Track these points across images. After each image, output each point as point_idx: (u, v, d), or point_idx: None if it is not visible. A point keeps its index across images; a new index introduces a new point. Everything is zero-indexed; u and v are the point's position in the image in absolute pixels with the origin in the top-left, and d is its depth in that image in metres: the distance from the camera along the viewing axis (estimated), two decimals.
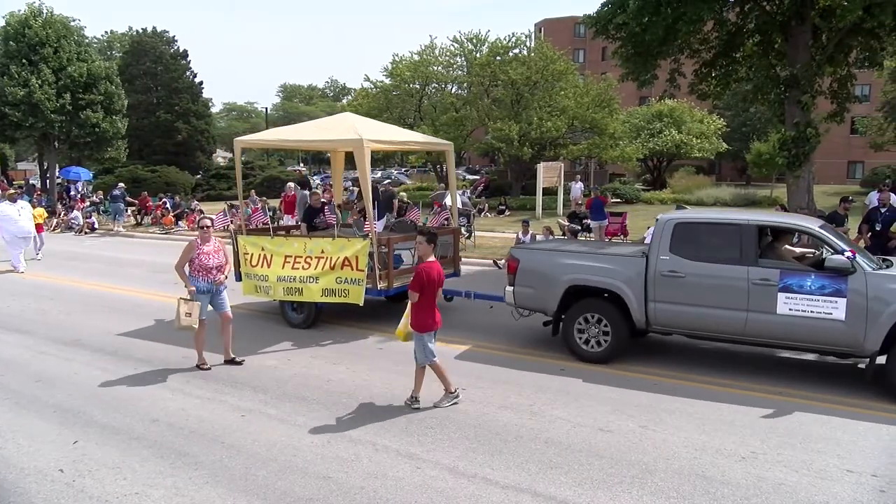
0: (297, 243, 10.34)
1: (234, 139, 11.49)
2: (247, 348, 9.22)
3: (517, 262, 9.18)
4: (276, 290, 10.24)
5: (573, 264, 8.85)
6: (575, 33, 67.06)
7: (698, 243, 8.15)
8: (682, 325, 8.25)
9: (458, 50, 36.58)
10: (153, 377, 8.21)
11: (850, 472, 5.60)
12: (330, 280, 9.85)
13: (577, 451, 6.02)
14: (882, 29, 14.72)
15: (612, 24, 15.38)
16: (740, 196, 33.19)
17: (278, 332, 10.34)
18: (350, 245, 9.83)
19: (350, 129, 10.52)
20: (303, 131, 11.94)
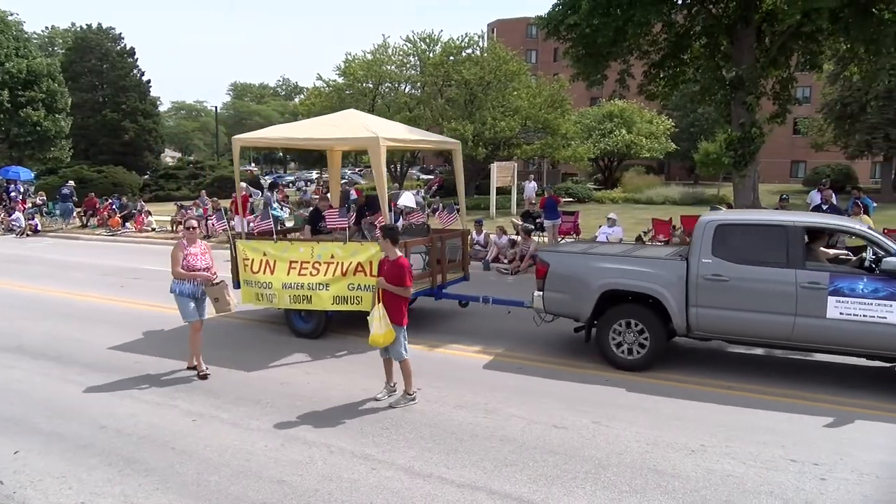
0: (303, 248, 9.72)
1: (232, 137, 10.71)
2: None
3: (547, 266, 8.75)
4: (282, 297, 9.62)
5: (609, 268, 8.44)
6: (527, 34, 67.59)
7: (742, 246, 7.84)
8: (725, 331, 7.97)
9: (411, 49, 36.51)
10: (101, 382, 7.99)
11: (793, 462, 5.77)
12: (342, 287, 9.29)
13: (531, 448, 6.07)
14: (821, 33, 15.25)
15: (563, 26, 15.58)
16: (689, 195, 33.96)
17: (235, 337, 10.17)
18: (363, 249, 9.32)
19: (361, 126, 10.17)
20: (308, 129, 11.20)
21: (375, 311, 6.92)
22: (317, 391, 7.59)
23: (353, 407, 7.09)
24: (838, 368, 8.38)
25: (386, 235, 7.17)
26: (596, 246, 10.23)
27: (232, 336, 10.13)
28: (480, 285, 14.51)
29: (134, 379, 8.10)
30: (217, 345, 9.52)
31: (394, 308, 6.96)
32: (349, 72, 35.41)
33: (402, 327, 7.04)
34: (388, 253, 7.14)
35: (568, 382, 7.91)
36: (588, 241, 15.02)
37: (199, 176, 45.42)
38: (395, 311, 6.96)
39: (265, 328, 10.66)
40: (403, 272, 6.97)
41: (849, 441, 6.22)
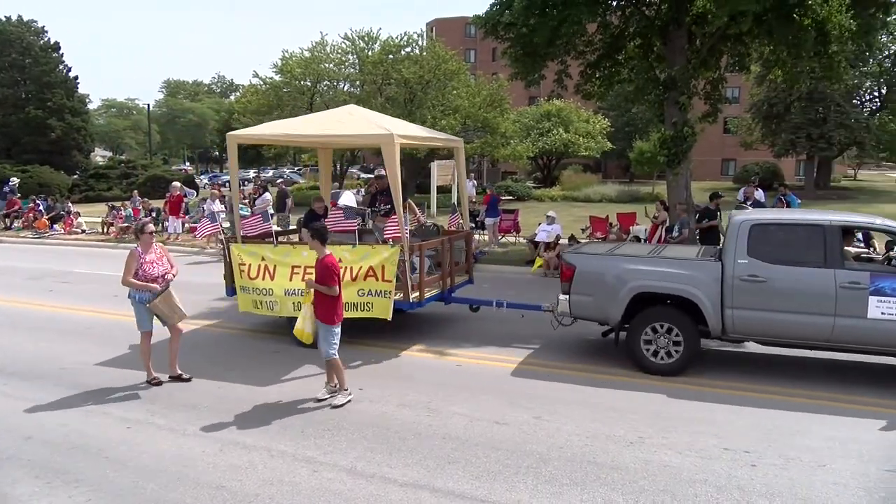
0: (306, 252, 8.99)
1: (227, 134, 10.12)
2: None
3: (573, 269, 8.42)
4: (284, 305, 9.07)
5: (641, 270, 8.18)
6: (466, 33, 67.88)
7: (778, 245, 7.73)
8: (762, 333, 7.85)
9: (349, 48, 36.17)
10: (26, 392, 7.65)
11: (726, 450, 5.98)
12: (351, 293, 8.69)
13: (474, 444, 6.11)
14: (747, 36, 15.79)
15: (500, 25, 15.67)
16: (625, 193, 34.75)
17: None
18: (375, 253, 8.86)
19: (371, 123, 9.90)
20: (311, 125, 10.54)
21: (305, 309, 7.07)
22: (257, 394, 7.46)
23: (295, 409, 7.00)
24: (766, 359, 8.71)
25: (315, 236, 7.15)
26: (619, 246, 9.92)
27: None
28: None
29: (63, 387, 7.80)
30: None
31: (323, 307, 6.98)
32: (286, 69, 34.85)
33: (332, 326, 7.02)
34: (318, 252, 7.14)
35: (509, 379, 7.99)
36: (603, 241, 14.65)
37: (132, 176, 44.02)
38: (324, 309, 6.98)
39: (207, 332, 10.41)
40: (328, 272, 6.95)
41: (777, 428, 6.47)
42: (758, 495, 5.18)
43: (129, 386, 7.79)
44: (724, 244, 8.04)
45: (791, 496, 5.17)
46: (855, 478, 5.46)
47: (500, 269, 16.12)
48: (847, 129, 38.90)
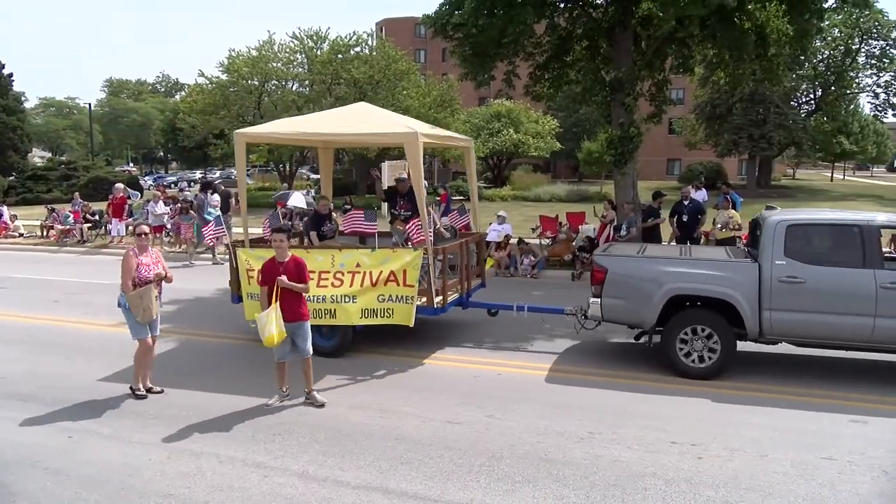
0: (321, 256, 8.68)
1: (234, 132, 9.65)
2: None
3: (605, 271, 8.19)
4: None
5: (676, 272, 8.00)
6: (416, 33, 67.88)
7: (815, 246, 7.69)
8: (800, 334, 7.74)
9: (298, 47, 35.84)
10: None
11: (674, 444, 6.10)
12: (370, 299, 8.44)
13: (427, 444, 6.10)
14: (692, 39, 16.18)
15: (449, 25, 15.72)
16: (574, 192, 35.26)
17: (114, 348, 9.61)
18: (396, 257, 8.51)
19: (391, 121, 9.74)
20: (327, 123, 10.04)
21: (271, 311, 6.74)
22: (204, 400, 7.31)
23: (244, 414, 6.88)
24: None
25: (289, 237, 7.33)
26: (646, 248, 9.66)
27: (111, 347, 9.57)
28: None
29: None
30: (95, 356, 9.00)
31: (298, 304, 7.01)
32: (233, 68, 34.33)
33: (305, 321, 7.10)
34: (283, 254, 7.05)
35: (463, 378, 8.01)
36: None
37: (73, 177, 42.63)
38: (299, 306, 7.03)
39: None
40: (305, 269, 7.09)
41: (721, 421, 6.64)
42: (704, 486, 5.31)
43: (71, 395, 7.53)
44: (761, 245, 7.82)
45: (735, 486, 5.31)
46: (795, 466, 5.64)
47: None
48: (786, 130, 40.23)
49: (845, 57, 42.40)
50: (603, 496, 5.18)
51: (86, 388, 7.70)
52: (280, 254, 7.04)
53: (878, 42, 42.67)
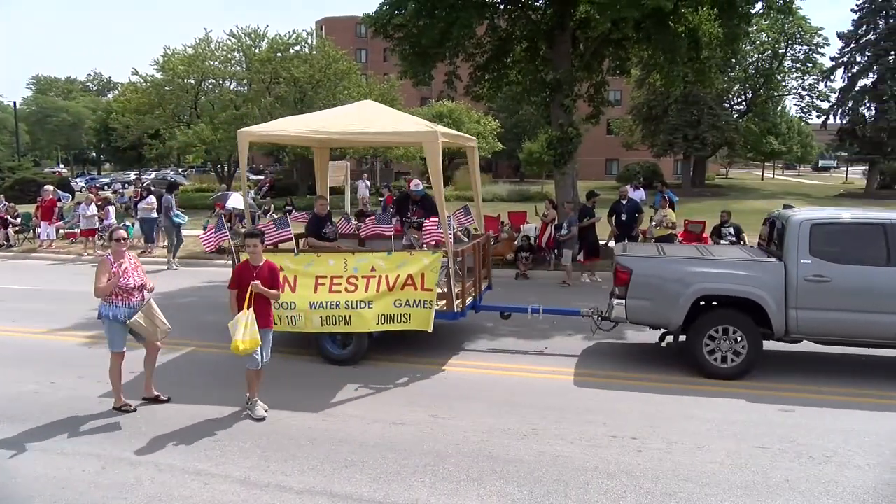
0: (333, 260, 8.38)
1: (238, 131, 9.29)
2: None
3: (629, 273, 8.09)
4: (310, 320, 8.24)
5: (703, 272, 7.96)
6: (357, 33, 67.42)
7: (840, 245, 7.69)
8: (827, 333, 7.79)
9: (235, 45, 35.15)
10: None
11: (614, 438, 6.23)
12: (387, 303, 8.17)
13: (371, 446, 6.07)
14: (628, 41, 16.57)
15: (390, 25, 15.70)
16: (515, 192, 35.63)
17: (42, 356, 9.24)
18: (414, 260, 8.27)
19: (407, 120, 9.53)
20: (338, 121, 9.50)
21: (242, 317, 6.43)
22: (141, 408, 7.09)
23: (183, 421, 6.70)
24: (643, 349, 9.15)
25: (262, 241, 7.08)
26: (666, 248, 9.67)
27: (37, 355, 9.21)
28: None
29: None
30: (21, 364, 8.64)
31: (266, 312, 6.82)
32: (168, 67, 33.44)
33: (271, 329, 7.00)
34: (257, 258, 6.81)
35: (403, 379, 7.99)
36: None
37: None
38: (266, 314, 6.84)
39: (78, 345, 9.80)
40: (277, 275, 6.95)
41: (660, 414, 6.81)
42: (645, 479, 5.43)
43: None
44: (785, 244, 7.84)
45: (675, 477, 5.46)
46: (730, 456, 5.83)
47: None
48: (719, 131, 41.52)
49: (773, 60, 44.07)
50: (546, 491, 5.24)
51: (12, 398, 7.38)
52: (254, 258, 6.81)
53: (802, 47, 44.52)
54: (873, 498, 5.12)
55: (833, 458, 5.79)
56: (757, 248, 9.34)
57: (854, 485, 5.32)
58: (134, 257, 7.21)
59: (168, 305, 12.13)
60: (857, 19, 40.99)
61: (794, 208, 9.09)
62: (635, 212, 14.63)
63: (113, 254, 6.93)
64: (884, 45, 39.18)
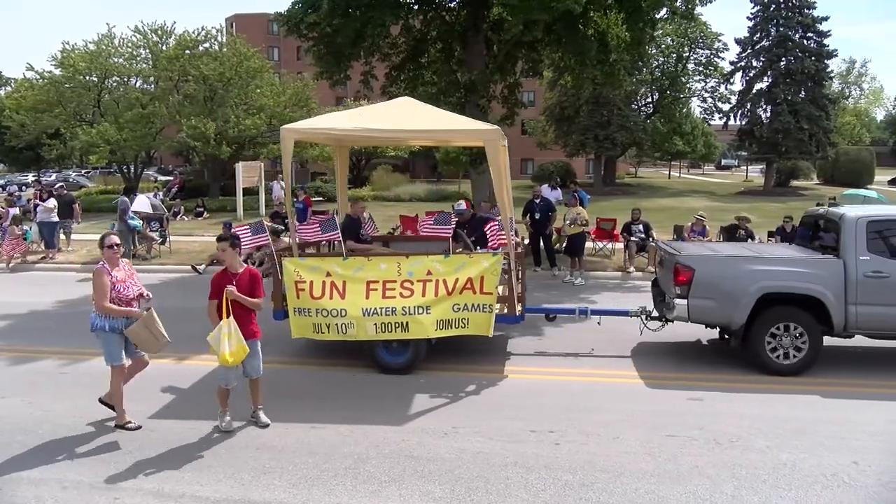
0: (385, 264, 7.92)
1: (281, 127, 8.60)
2: None
3: (691, 272, 8.09)
4: (363, 327, 7.79)
5: (765, 270, 8.05)
6: (269, 31, 65.87)
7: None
8: (886, 328, 7.99)
9: (141, 41, 33.79)
10: None
11: (532, 432, 6.36)
12: (444, 308, 7.79)
13: (290, 452, 5.97)
14: (539, 44, 16.92)
15: (303, 24, 15.46)
16: (433, 191, 35.80)
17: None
18: (473, 263, 7.90)
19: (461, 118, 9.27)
20: (382, 119, 8.88)
21: (224, 327, 6.07)
22: (40, 421, 6.71)
23: (92, 435, 6.39)
24: (558, 344, 9.37)
25: (233, 245, 6.52)
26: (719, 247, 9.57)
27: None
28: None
29: None
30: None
31: (248, 321, 6.40)
32: (68, 63, 31.81)
33: (256, 340, 6.52)
34: (235, 264, 6.47)
35: (319, 383, 7.90)
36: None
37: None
38: (249, 324, 6.41)
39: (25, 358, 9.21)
40: (258, 282, 6.50)
41: (576, 407, 7.00)
42: (563, 471, 5.56)
43: None
44: (841, 242, 8.01)
45: (591, 468, 5.61)
46: (643, 445, 6.05)
47: None
48: (627, 131, 42.91)
49: (677, 64, 45.93)
50: (468, 488, 5.30)
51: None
52: (231, 264, 6.43)
53: (704, 51, 46.61)
54: (773, 478, 5.43)
55: (737, 442, 6.10)
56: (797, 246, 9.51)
57: (756, 466, 5.62)
58: (128, 264, 6.81)
59: (70, 314, 11.63)
60: (752, 26, 43.17)
61: (840, 205, 9.33)
62: (548, 211, 14.98)
63: (107, 261, 6.48)
64: (776, 52, 41.43)
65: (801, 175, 47.51)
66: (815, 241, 9.00)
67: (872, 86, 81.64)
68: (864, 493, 5.20)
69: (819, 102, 40.98)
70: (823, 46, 41.85)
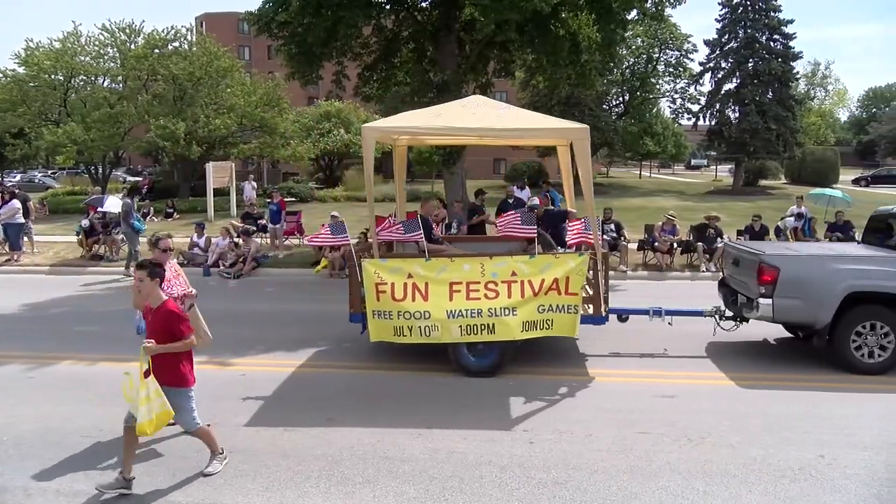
0: (468, 265, 7.78)
1: (362, 126, 8.39)
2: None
3: (777, 271, 8.04)
4: (447, 330, 7.64)
5: (852, 269, 8.01)
6: (239, 30, 65.34)
7: None
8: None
9: (108, 40, 33.24)
10: None
11: (507, 432, 6.37)
12: (530, 310, 7.69)
13: (263, 454, 5.91)
14: (512, 44, 16.99)
15: (274, 23, 15.35)
16: (406, 191, 35.66)
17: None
18: (559, 263, 7.81)
19: (547, 117, 9.27)
20: (468, 118, 8.63)
21: (143, 389, 5.03)
22: (4, 427, 6.55)
23: (58, 441, 6.25)
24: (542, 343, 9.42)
25: (154, 274, 5.38)
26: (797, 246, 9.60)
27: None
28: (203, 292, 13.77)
29: None
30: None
31: (171, 369, 5.30)
32: (32, 62, 31.17)
33: (189, 388, 5.45)
34: (152, 299, 5.39)
35: (297, 386, 7.84)
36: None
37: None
38: (173, 371, 5.31)
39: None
40: (179, 319, 5.33)
41: (550, 405, 7.05)
42: (536, 469, 5.58)
43: None
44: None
45: (565, 466, 5.64)
46: (615, 443, 6.09)
47: (283, 273, 15.83)
48: (599, 132, 43.18)
49: (647, 64, 46.39)
50: (442, 488, 5.29)
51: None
52: (152, 298, 5.36)
53: (673, 52, 47.14)
54: (742, 473, 5.50)
55: (708, 438, 6.18)
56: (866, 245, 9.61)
57: (726, 462, 5.69)
58: (174, 264, 6.72)
59: (35, 317, 11.42)
60: (720, 28, 43.76)
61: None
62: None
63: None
64: (744, 53, 42.06)
65: (769, 174, 48.22)
66: (891, 241, 9.01)
67: (836, 87, 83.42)
68: (831, 486, 5.29)
69: (786, 103, 41.67)
70: (789, 48, 42.58)
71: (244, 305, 12.59)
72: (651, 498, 5.14)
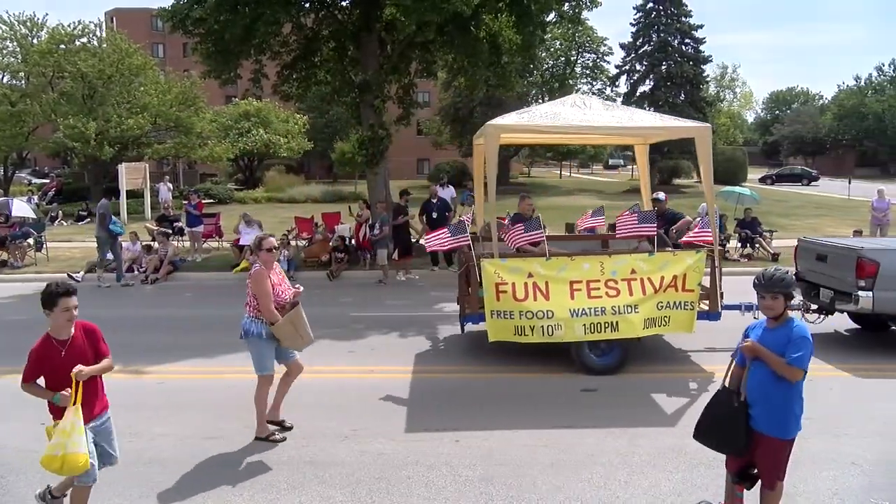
0: (588, 264, 7.80)
1: (486, 124, 7.99)
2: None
3: (877, 265, 8.43)
4: (571, 328, 7.59)
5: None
6: (153, 26, 63.02)
7: None
8: None
9: (7, 34, 31.55)
10: None
11: (434, 431, 6.39)
12: (650, 307, 7.73)
13: (184, 464, 5.73)
14: (433, 45, 17.04)
15: (189, 19, 14.87)
16: (329, 192, 35.33)
17: None
18: (677, 260, 7.89)
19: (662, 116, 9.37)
20: (594, 115, 8.65)
21: (66, 422, 4.25)
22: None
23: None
24: (482, 342, 9.50)
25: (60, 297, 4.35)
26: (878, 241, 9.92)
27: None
28: (116, 298, 13.25)
29: None
30: None
31: (99, 392, 4.65)
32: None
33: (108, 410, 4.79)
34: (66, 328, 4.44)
35: (218, 392, 7.65)
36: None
37: None
38: (99, 395, 4.65)
39: None
40: (99, 338, 4.60)
41: (478, 404, 7.11)
42: (463, 467, 5.62)
43: None
44: None
45: (491, 462, 5.71)
46: (539, 438, 6.20)
47: (201, 277, 15.41)
48: None
49: (566, 66, 47.49)
50: (369, 490, 5.27)
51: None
52: (64, 329, 4.43)
53: (590, 55, 48.45)
54: (661, 462, 5.70)
55: (630, 429, 6.36)
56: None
57: (647, 452, 5.88)
58: (278, 267, 6.52)
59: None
60: (635, 32, 45.30)
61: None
62: (445, 210, 15.17)
63: (264, 264, 6.22)
64: (657, 56, 43.68)
65: (682, 173, 50.11)
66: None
67: (743, 90, 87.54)
68: None
69: (697, 105, 43.48)
70: (700, 52, 44.47)
71: (161, 310, 12.18)
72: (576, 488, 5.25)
